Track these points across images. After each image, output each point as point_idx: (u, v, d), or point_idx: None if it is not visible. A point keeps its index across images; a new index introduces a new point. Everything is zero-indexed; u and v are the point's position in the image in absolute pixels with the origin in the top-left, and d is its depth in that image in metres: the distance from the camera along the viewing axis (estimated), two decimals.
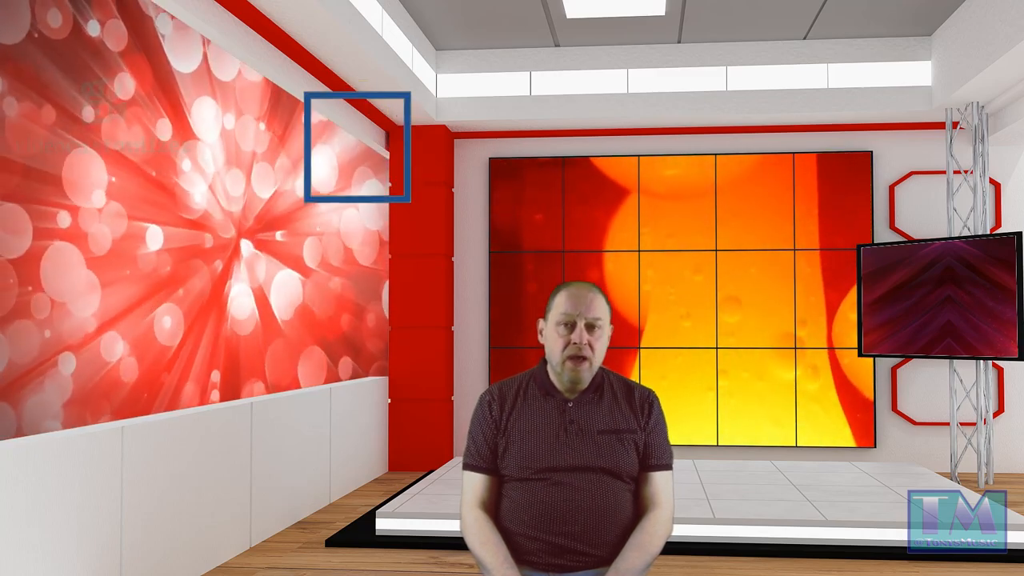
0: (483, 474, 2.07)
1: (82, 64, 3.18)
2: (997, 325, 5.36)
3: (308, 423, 4.99)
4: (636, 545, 1.96)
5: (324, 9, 4.30)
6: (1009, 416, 6.45)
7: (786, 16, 5.83)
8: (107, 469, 3.12)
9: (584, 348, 2.00)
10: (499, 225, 6.83)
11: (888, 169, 6.63)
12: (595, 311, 2.01)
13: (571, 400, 2.06)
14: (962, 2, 5.58)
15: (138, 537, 3.28)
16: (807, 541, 4.11)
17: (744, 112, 6.30)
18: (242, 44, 4.38)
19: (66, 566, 2.90)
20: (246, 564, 3.94)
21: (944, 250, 5.68)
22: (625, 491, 2.03)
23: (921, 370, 6.55)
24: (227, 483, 3.99)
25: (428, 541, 4.20)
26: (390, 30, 5.41)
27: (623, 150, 6.78)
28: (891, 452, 6.54)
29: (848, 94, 6.23)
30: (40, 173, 2.96)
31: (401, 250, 6.59)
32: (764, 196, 6.63)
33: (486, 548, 1.96)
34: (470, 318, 6.88)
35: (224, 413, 3.98)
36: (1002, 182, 6.51)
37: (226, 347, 4.27)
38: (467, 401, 6.82)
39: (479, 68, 6.50)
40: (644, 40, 6.31)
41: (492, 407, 2.09)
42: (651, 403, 2.11)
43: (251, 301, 4.57)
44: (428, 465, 6.46)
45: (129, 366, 3.46)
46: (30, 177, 2.91)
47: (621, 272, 6.70)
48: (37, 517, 2.78)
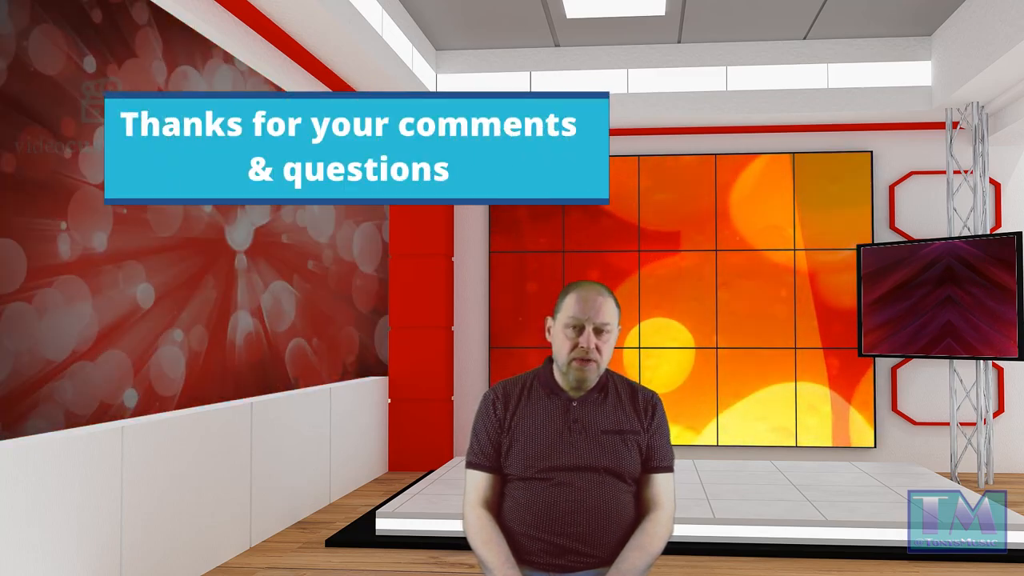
0: (486, 473, 2.06)
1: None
2: (997, 325, 5.36)
3: (308, 423, 4.99)
4: (637, 546, 1.96)
5: (324, 9, 4.30)
6: (1009, 416, 6.45)
7: (786, 16, 5.83)
8: (107, 469, 3.12)
9: (591, 352, 2.00)
10: (499, 225, 6.83)
11: (888, 169, 6.62)
12: (604, 316, 2.01)
13: (575, 400, 2.06)
14: (962, 2, 5.57)
15: (138, 537, 3.28)
16: (807, 541, 4.11)
17: (744, 112, 6.30)
18: (242, 44, 4.37)
19: (66, 566, 2.89)
20: (246, 564, 3.94)
21: (944, 250, 5.67)
22: (627, 492, 2.03)
23: (921, 370, 6.55)
24: (227, 483, 3.99)
25: (428, 541, 4.20)
26: (390, 30, 5.41)
27: (623, 150, 6.78)
28: (891, 452, 6.54)
29: (848, 94, 6.22)
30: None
31: (401, 250, 6.59)
32: (764, 196, 6.63)
33: (488, 547, 1.96)
34: (470, 318, 6.88)
35: (224, 413, 3.98)
36: (1002, 182, 6.51)
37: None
38: (467, 401, 6.82)
39: (479, 68, 6.49)
40: (644, 40, 6.31)
41: (496, 406, 2.09)
42: (654, 405, 2.11)
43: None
44: (428, 465, 6.46)
45: None
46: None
47: (621, 272, 6.70)
48: (37, 517, 2.78)
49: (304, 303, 5.68)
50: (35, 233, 3.62)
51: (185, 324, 4.25)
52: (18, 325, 3.52)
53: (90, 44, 3.79)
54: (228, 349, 4.70)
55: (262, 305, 4.98)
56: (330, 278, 6.04)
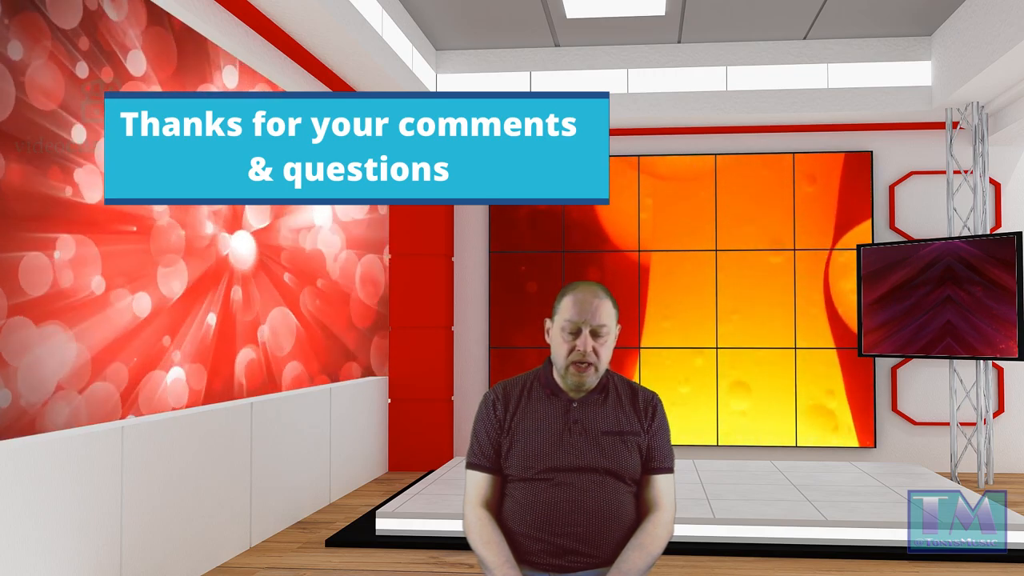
0: (486, 473, 2.06)
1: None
2: (997, 325, 5.36)
3: (308, 423, 4.99)
4: (638, 546, 1.96)
5: (324, 9, 4.30)
6: (1009, 416, 6.45)
7: (786, 16, 5.83)
8: (107, 469, 3.12)
9: (589, 355, 1.99)
10: (499, 225, 6.83)
11: (888, 169, 6.63)
12: (601, 318, 2.00)
13: (575, 401, 2.06)
14: (962, 2, 5.57)
15: (138, 537, 3.28)
16: (807, 541, 4.11)
17: (744, 112, 6.30)
18: (242, 44, 4.37)
19: (66, 566, 2.89)
20: (246, 564, 3.94)
21: (944, 250, 5.67)
22: (627, 493, 2.03)
23: (921, 370, 6.55)
24: (227, 483, 3.99)
25: (428, 541, 4.20)
26: (390, 30, 5.41)
27: (623, 150, 6.78)
28: (891, 452, 6.54)
29: (848, 94, 6.22)
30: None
31: (401, 250, 6.59)
32: (764, 196, 6.63)
33: (488, 547, 1.96)
34: (470, 318, 6.88)
35: (224, 413, 3.98)
36: (1002, 182, 6.51)
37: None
38: (467, 401, 6.82)
39: (479, 68, 6.49)
40: (644, 40, 6.31)
41: (496, 406, 2.08)
42: (655, 406, 2.11)
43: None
44: (428, 465, 6.46)
45: None
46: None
47: (621, 272, 6.70)
48: (37, 517, 2.78)
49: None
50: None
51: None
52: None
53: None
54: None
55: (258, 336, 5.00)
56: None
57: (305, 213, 5.78)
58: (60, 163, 3.44)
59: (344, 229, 6.27)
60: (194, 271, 4.39)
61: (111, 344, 3.73)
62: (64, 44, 3.47)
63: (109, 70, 3.76)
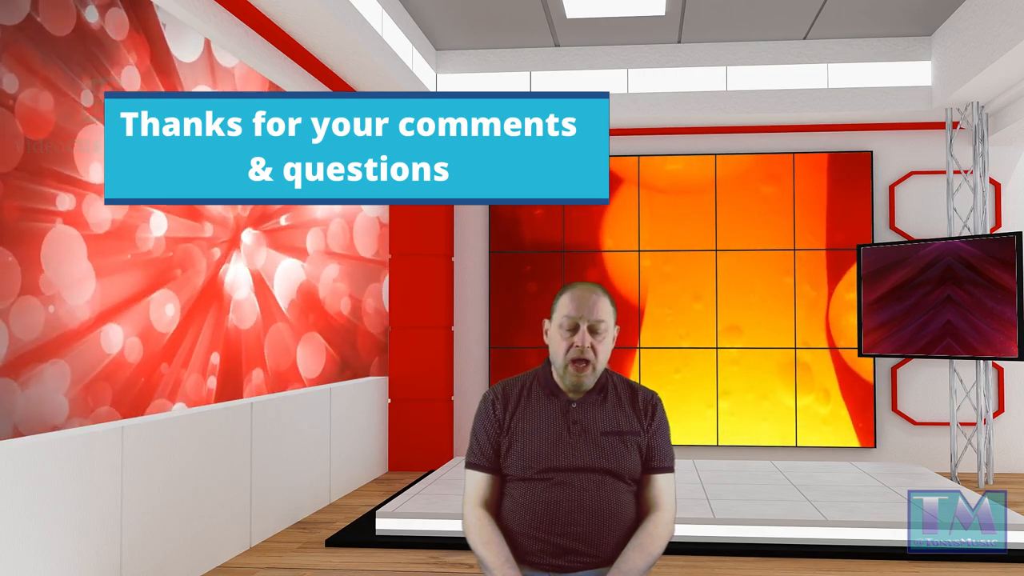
0: (486, 473, 2.06)
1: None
2: (997, 325, 5.36)
3: (308, 423, 4.99)
4: (638, 546, 1.96)
5: (324, 9, 4.30)
6: (1009, 416, 6.45)
7: (786, 16, 5.83)
8: (107, 469, 3.12)
9: (587, 351, 1.99)
10: (499, 225, 6.83)
11: (888, 169, 6.62)
12: (598, 313, 2.00)
13: (575, 401, 2.06)
14: (962, 2, 5.57)
15: (138, 537, 3.28)
16: (807, 541, 4.11)
17: (744, 112, 6.30)
18: (242, 44, 4.37)
19: (66, 566, 2.89)
20: (246, 564, 3.94)
21: (944, 250, 5.67)
22: (627, 493, 2.03)
23: (921, 370, 6.55)
24: (227, 483, 3.99)
25: (428, 541, 4.20)
26: (390, 30, 5.41)
27: (623, 150, 6.78)
28: (891, 452, 6.54)
29: (848, 94, 6.22)
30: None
31: (401, 249, 6.59)
32: (764, 196, 6.63)
33: (487, 547, 1.96)
34: (470, 318, 6.88)
35: (224, 413, 3.98)
36: (1002, 182, 6.51)
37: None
38: (467, 401, 6.82)
39: (479, 68, 6.49)
40: (644, 40, 6.31)
41: (496, 406, 2.08)
42: (654, 405, 2.10)
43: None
44: (428, 465, 6.46)
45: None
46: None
47: (621, 272, 6.70)
48: (37, 517, 2.78)
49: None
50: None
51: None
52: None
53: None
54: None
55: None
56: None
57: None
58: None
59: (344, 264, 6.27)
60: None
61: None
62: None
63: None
